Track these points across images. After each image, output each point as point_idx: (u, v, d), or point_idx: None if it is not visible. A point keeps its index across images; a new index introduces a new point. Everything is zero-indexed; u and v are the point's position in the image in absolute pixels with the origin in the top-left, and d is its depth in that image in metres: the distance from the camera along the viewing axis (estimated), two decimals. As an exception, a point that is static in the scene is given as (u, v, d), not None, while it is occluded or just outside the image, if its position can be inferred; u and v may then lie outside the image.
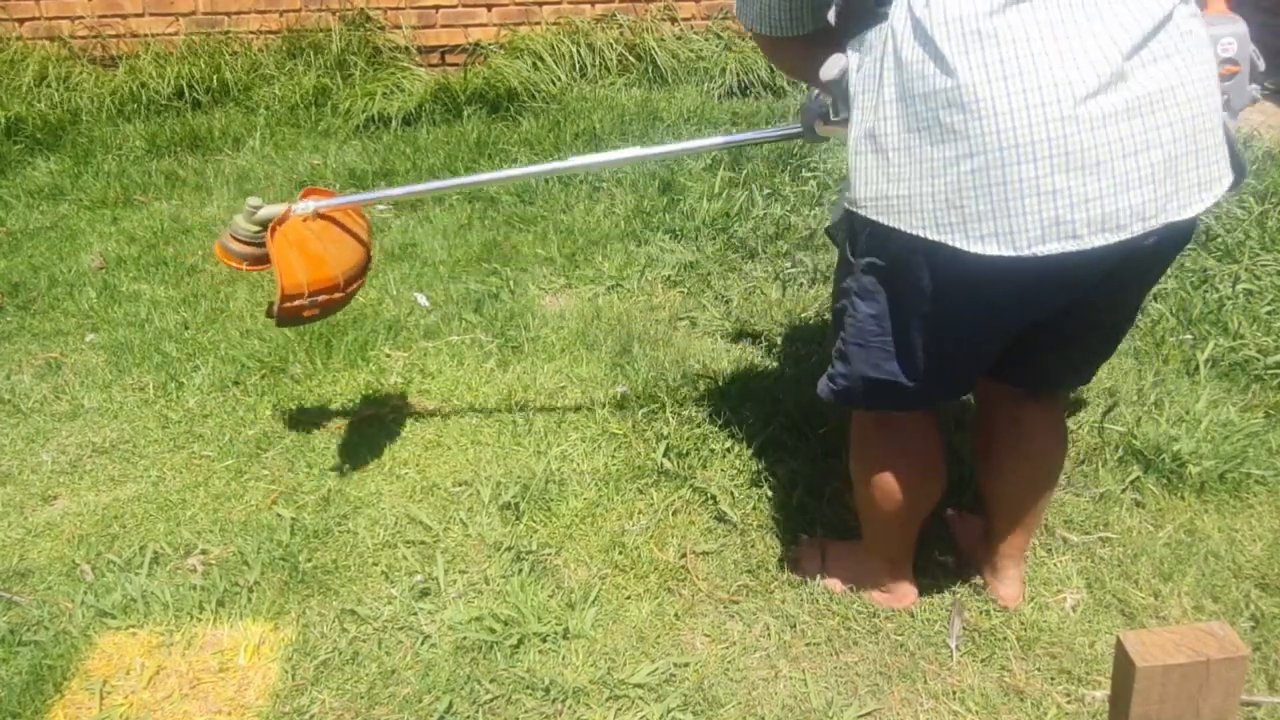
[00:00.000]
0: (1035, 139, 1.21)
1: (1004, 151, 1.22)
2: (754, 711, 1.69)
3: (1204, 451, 2.19)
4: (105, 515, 2.18)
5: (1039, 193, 1.22)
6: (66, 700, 1.75)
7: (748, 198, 3.53)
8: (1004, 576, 1.86)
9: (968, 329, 1.43)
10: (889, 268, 1.42)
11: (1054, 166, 1.21)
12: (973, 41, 1.21)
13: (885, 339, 1.48)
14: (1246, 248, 3.03)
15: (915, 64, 1.25)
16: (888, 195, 1.33)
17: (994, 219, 1.25)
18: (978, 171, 1.24)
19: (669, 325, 2.87)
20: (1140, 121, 1.23)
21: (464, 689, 1.73)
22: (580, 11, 5.08)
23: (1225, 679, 0.88)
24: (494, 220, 3.60)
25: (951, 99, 1.23)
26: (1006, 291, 1.34)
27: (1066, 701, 1.68)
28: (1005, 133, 1.21)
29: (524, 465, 2.28)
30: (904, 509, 1.69)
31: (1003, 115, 1.21)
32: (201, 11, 4.92)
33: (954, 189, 1.26)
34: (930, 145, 1.26)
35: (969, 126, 1.23)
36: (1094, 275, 1.33)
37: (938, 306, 1.39)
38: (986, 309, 1.39)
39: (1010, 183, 1.23)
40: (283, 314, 2.00)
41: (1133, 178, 1.23)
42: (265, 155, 4.31)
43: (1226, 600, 1.87)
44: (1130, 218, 1.25)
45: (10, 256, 3.43)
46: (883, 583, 1.85)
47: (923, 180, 1.28)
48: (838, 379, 1.59)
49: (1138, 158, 1.23)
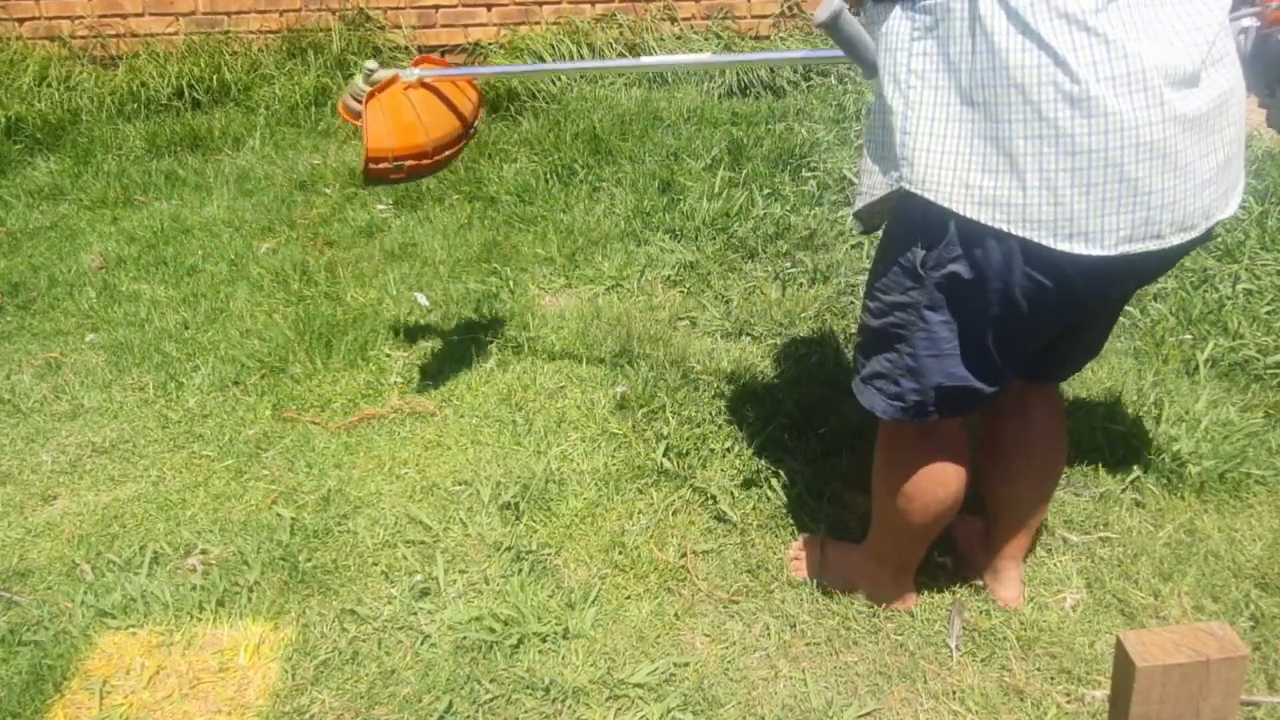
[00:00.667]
0: (1140, 141, 1.21)
1: (1109, 152, 1.21)
2: (754, 711, 1.69)
3: (1204, 451, 2.19)
4: (105, 515, 2.18)
5: (1135, 193, 1.23)
6: (66, 700, 1.75)
7: (748, 198, 3.53)
8: (1005, 579, 1.86)
9: (1040, 323, 1.41)
10: (966, 271, 1.35)
11: (1151, 169, 1.22)
12: (1081, 39, 1.19)
13: (962, 346, 1.44)
14: (1246, 248, 3.03)
15: (1014, 53, 1.21)
16: (971, 185, 1.28)
17: (1087, 218, 1.24)
18: (1079, 170, 1.22)
19: (669, 325, 2.87)
20: (1212, 123, 1.26)
21: (464, 689, 1.73)
22: (580, 11, 5.08)
23: (1225, 679, 0.88)
24: (494, 220, 3.60)
25: (1061, 95, 1.20)
26: (1083, 285, 1.33)
27: (1066, 701, 1.68)
28: (1113, 133, 1.20)
29: (524, 465, 2.28)
30: (931, 519, 1.66)
31: (1112, 116, 1.20)
32: (201, 11, 4.92)
33: (1049, 185, 1.24)
34: (1026, 139, 1.23)
35: (1075, 124, 1.21)
36: (1155, 268, 1.36)
37: (1014, 305, 1.36)
38: (1060, 303, 1.36)
39: (1110, 183, 1.22)
40: (368, 174, 2.14)
41: (1205, 179, 1.27)
42: (265, 155, 4.31)
43: (1226, 600, 1.87)
44: (1200, 217, 1.29)
45: (10, 256, 3.43)
46: (886, 585, 1.85)
47: (1015, 174, 1.25)
48: (908, 395, 1.51)
49: (1208, 159, 1.27)
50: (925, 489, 1.62)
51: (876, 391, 1.55)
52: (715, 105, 4.63)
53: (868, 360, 1.56)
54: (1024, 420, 1.72)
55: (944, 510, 1.65)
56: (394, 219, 3.66)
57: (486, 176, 3.91)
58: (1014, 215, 1.26)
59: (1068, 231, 1.25)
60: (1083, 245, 1.25)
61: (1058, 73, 1.19)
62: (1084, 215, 1.24)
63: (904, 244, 1.42)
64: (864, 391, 1.59)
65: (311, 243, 3.49)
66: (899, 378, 1.51)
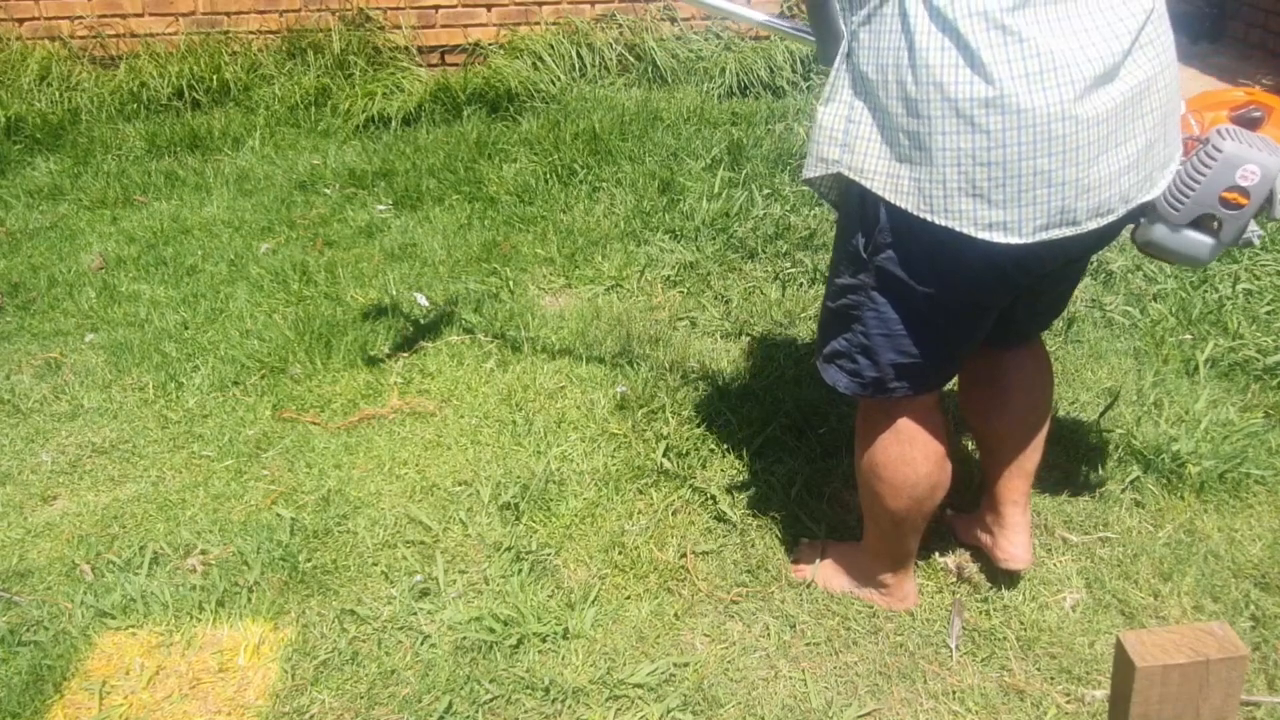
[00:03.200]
0: (1052, 135, 1.27)
1: (1022, 146, 1.27)
2: (754, 711, 1.69)
3: (1204, 451, 2.19)
4: (105, 515, 2.18)
5: (1050, 184, 1.30)
6: (66, 700, 1.75)
7: (747, 198, 3.53)
8: (1009, 526, 1.84)
9: (979, 301, 1.49)
10: (899, 256, 1.43)
11: (1065, 161, 1.28)
12: (996, 37, 1.24)
13: (908, 324, 1.51)
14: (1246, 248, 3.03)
15: (933, 50, 1.27)
16: (898, 175, 1.36)
17: (1005, 208, 1.31)
18: (994, 164, 1.29)
19: (669, 325, 2.87)
20: (1131, 111, 1.31)
21: (464, 689, 1.73)
22: (580, 11, 5.08)
23: (1225, 679, 0.88)
24: (494, 220, 3.60)
25: (976, 93, 1.26)
26: (1011, 266, 1.41)
27: (1066, 701, 1.68)
28: (1025, 129, 1.26)
29: (524, 465, 2.28)
30: (915, 504, 1.68)
31: (1025, 112, 1.25)
32: (201, 11, 4.92)
33: (968, 178, 1.30)
34: (944, 135, 1.29)
35: (990, 121, 1.27)
36: (1083, 248, 1.46)
37: (949, 286, 1.44)
38: (994, 282, 1.45)
39: (1024, 175, 1.29)
40: None
41: (1122, 165, 1.34)
42: (265, 155, 4.31)
43: (1226, 600, 1.88)
44: (1118, 202, 1.36)
45: (10, 256, 3.43)
46: (884, 585, 1.85)
47: (935, 168, 1.32)
48: (865, 372, 1.58)
49: (1126, 146, 1.33)
50: (898, 471, 1.65)
51: (838, 369, 1.62)
52: (715, 105, 4.63)
53: (827, 340, 1.63)
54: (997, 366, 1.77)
55: (919, 494, 1.66)
56: (394, 219, 3.66)
57: (486, 176, 3.92)
58: (936, 205, 1.34)
59: (986, 222, 1.32)
60: (1001, 234, 1.33)
61: (972, 70, 1.25)
62: (1001, 206, 1.31)
63: (848, 229, 1.51)
64: (826, 370, 1.65)
65: (311, 243, 3.49)
66: (855, 355, 1.58)
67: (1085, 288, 2.90)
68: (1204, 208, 1.48)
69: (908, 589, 1.85)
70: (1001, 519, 1.85)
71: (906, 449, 1.64)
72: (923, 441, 1.64)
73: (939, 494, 1.69)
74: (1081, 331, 2.74)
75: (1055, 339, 2.72)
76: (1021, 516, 1.85)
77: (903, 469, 1.65)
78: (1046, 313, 1.77)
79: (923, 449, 1.64)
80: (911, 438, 1.64)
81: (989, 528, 1.89)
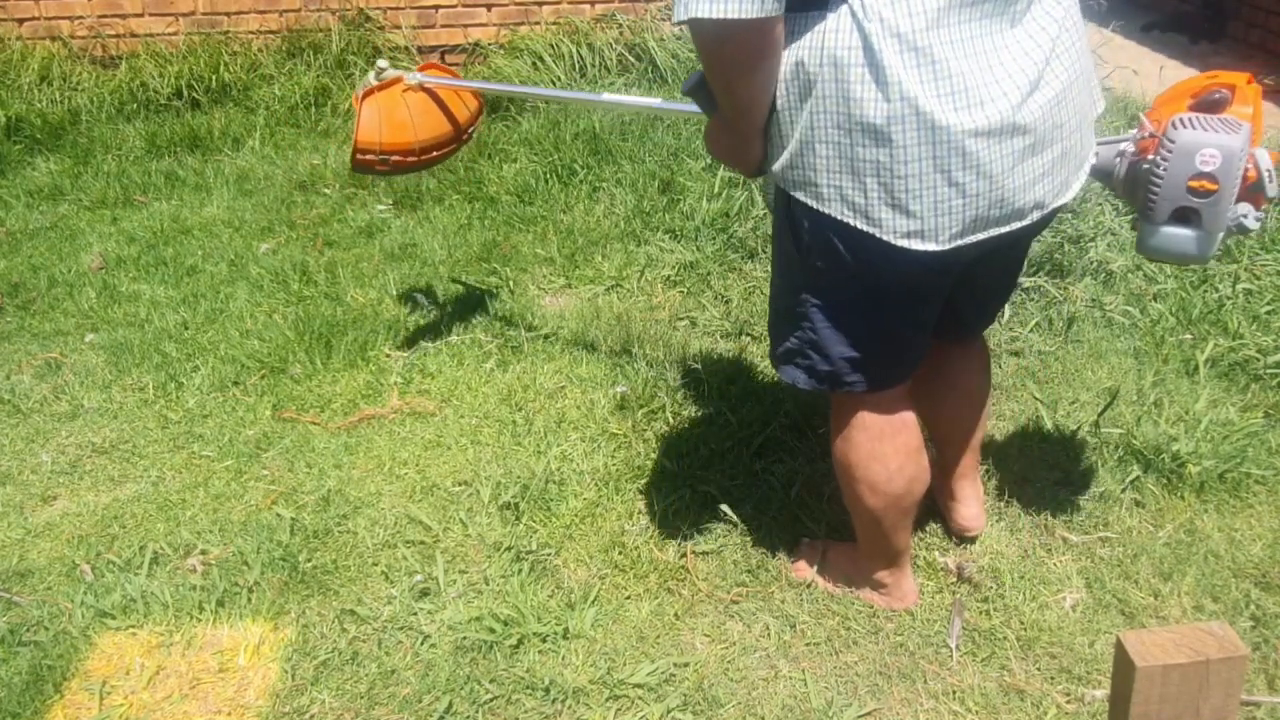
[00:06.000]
0: (965, 150, 1.32)
1: (937, 160, 1.32)
2: (754, 711, 1.69)
3: (1204, 451, 2.19)
4: (105, 515, 2.18)
5: (964, 196, 1.35)
6: (66, 700, 1.75)
7: (747, 198, 3.53)
8: (963, 498, 1.98)
9: (916, 296, 1.54)
10: (830, 258, 1.47)
11: (978, 175, 1.34)
12: (910, 58, 1.28)
13: (850, 317, 1.55)
14: (1246, 248, 3.03)
15: (854, 68, 1.30)
16: (817, 184, 1.41)
17: (922, 219, 1.37)
18: (911, 178, 1.34)
19: (669, 325, 2.87)
20: (1048, 122, 1.36)
21: (464, 689, 1.73)
22: (580, 11, 5.08)
23: (1225, 679, 0.88)
24: (494, 220, 3.60)
25: (893, 111, 1.30)
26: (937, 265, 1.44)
27: (1066, 701, 1.68)
28: (939, 144, 1.31)
29: (524, 465, 2.28)
30: (893, 500, 1.69)
31: (939, 129, 1.30)
32: (201, 11, 4.92)
33: (887, 190, 1.35)
34: (864, 148, 1.34)
35: (906, 138, 1.31)
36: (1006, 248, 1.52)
37: (881, 285, 1.49)
38: (921, 275, 1.48)
39: (940, 188, 1.34)
40: (355, 163, 2.33)
41: (1037, 174, 1.39)
42: (265, 155, 4.31)
43: (1226, 600, 1.88)
44: (1032, 209, 1.42)
45: (10, 256, 3.43)
46: (883, 584, 1.85)
47: (857, 178, 1.36)
48: (819, 366, 1.61)
49: (1041, 157, 1.38)
50: (870, 469, 1.67)
51: (794, 367, 1.65)
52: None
53: (780, 340, 1.67)
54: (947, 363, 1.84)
55: (896, 490, 1.68)
56: (394, 219, 3.66)
57: (486, 176, 3.92)
58: (858, 213, 1.39)
59: (905, 230, 1.38)
60: (919, 242, 1.38)
61: (886, 89, 1.29)
62: (919, 216, 1.36)
63: (782, 232, 1.55)
64: (784, 370, 1.68)
65: (311, 243, 3.50)
66: (807, 350, 1.61)
67: (1085, 288, 2.91)
68: (1175, 201, 1.49)
69: (906, 588, 1.86)
70: (955, 492, 1.98)
71: (877, 445, 1.66)
72: (892, 436, 1.66)
73: (917, 488, 1.71)
74: (1081, 331, 2.74)
75: (1055, 339, 2.72)
76: (972, 488, 1.99)
77: (875, 466, 1.67)
78: (988, 301, 1.82)
79: (893, 444, 1.66)
80: (880, 434, 1.66)
81: (944, 500, 2.02)
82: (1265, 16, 5.17)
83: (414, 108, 2.33)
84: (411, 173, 2.60)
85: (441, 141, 2.42)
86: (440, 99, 2.39)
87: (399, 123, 2.30)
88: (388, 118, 2.28)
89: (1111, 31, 4.52)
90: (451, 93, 2.42)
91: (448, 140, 2.44)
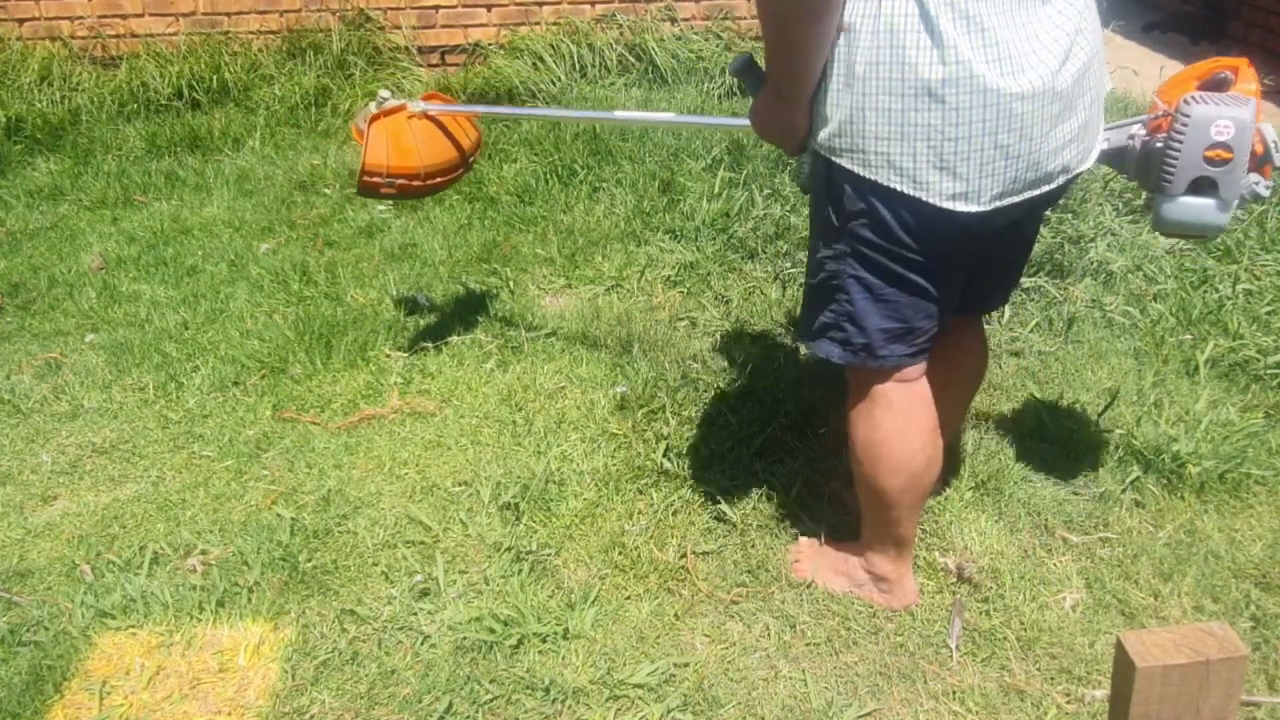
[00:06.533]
0: (1012, 114, 1.40)
1: (986, 124, 1.40)
2: (754, 711, 1.69)
3: (1204, 452, 2.19)
4: (105, 515, 2.18)
5: (1006, 158, 1.43)
6: (66, 700, 1.75)
7: (748, 198, 3.53)
8: None
9: (949, 260, 1.59)
10: (872, 224, 1.52)
11: (1021, 137, 1.42)
12: (962, 25, 1.36)
13: (887, 285, 1.59)
14: (1246, 248, 3.03)
15: (910, 34, 1.37)
16: (864, 151, 1.46)
17: (968, 181, 1.44)
18: (961, 140, 1.41)
19: (669, 325, 2.87)
20: (1074, 91, 1.45)
21: (464, 689, 1.73)
22: (580, 12, 5.08)
23: (1225, 679, 0.88)
24: (494, 220, 3.60)
25: (947, 74, 1.37)
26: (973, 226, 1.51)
27: (1066, 701, 1.68)
28: (989, 108, 1.39)
29: (524, 465, 2.28)
30: (913, 479, 1.72)
31: (989, 93, 1.38)
32: (201, 11, 4.92)
33: (937, 153, 1.42)
34: (916, 112, 1.41)
35: (959, 100, 1.39)
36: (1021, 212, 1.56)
37: (919, 248, 1.54)
38: (958, 242, 1.55)
39: (986, 150, 1.42)
40: (362, 185, 2.39)
41: (1065, 140, 1.48)
42: (265, 155, 4.31)
43: (1226, 600, 1.88)
44: (1059, 173, 1.51)
45: (10, 256, 3.43)
46: (884, 581, 1.85)
47: (907, 142, 1.43)
48: (854, 339, 1.64)
49: (1069, 124, 1.47)
50: (894, 447, 1.70)
51: (829, 341, 1.69)
52: (715, 106, 4.63)
53: (815, 316, 1.70)
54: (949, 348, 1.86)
55: (917, 468, 1.71)
56: (394, 219, 3.66)
57: (486, 176, 3.92)
58: (906, 178, 1.45)
59: (950, 192, 1.45)
60: (963, 204, 1.46)
61: (942, 52, 1.37)
62: (965, 178, 1.44)
63: (823, 203, 1.60)
64: (818, 345, 1.71)
65: (311, 243, 3.50)
66: (843, 323, 1.65)
67: (1086, 288, 2.91)
68: (1194, 171, 1.58)
69: (907, 585, 1.86)
70: None
71: (901, 423, 1.69)
72: (916, 415, 1.70)
73: (934, 469, 1.74)
74: (1081, 331, 2.74)
75: (1055, 339, 2.72)
76: None
77: (900, 444, 1.69)
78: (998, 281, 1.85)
79: (917, 423, 1.70)
80: (904, 411, 1.69)
81: None
82: (1265, 16, 5.17)
83: (419, 134, 2.41)
84: (414, 198, 2.66)
85: (445, 167, 2.49)
86: (444, 127, 2.47)
87: (405, 147, 2.37)
88: (395, 142, 2.35)
89: (1112, 31, 4.52)
90: (454, 122, 2.50)
91: (451, 166, 2.51)
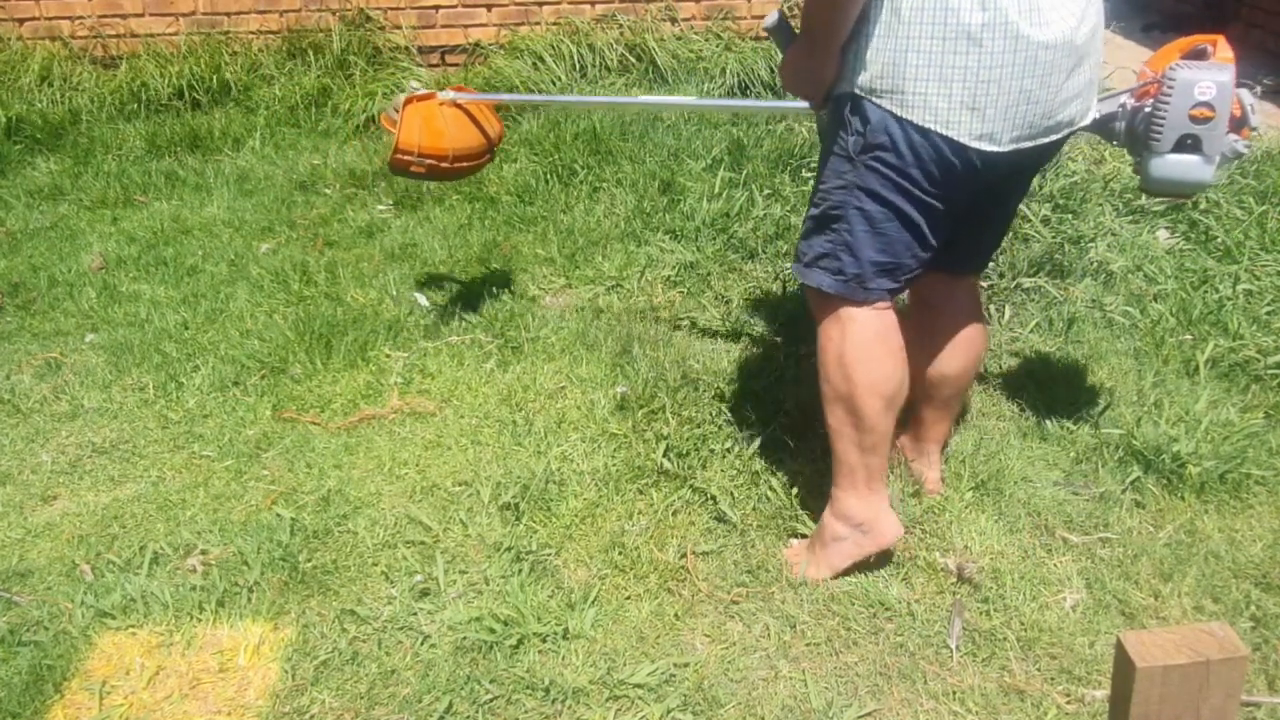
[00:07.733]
0: (1039, 60, 1.55)
1: (1015, 68, 1.54)
2: (754, 711, 1.69)
3: (1204, 452, 2.19)
4: (105, 515, 2.18)
5: (1028, 102, 1.58)
6: (66, 700, 1.75)
7: (748, 198, 3.53)
8: (934, 464, 2.14)
9: (954, 197, 1.69)
10: (896, 155, 1.63)
11: (1042, 83, 1.57)
12: None
13: (888, 218, 1.69)
14: (1246, 248, 3.03)
15: None
16: (904, 92, 1.58)
17: (994, 122, 1.58)
18: (993, 83, 1.55)
19: (669, 325, 2.87)
20: (1087, 48, 1.61)
21: (464, 689, 1.73)
22: (580, 12, 5.08)
23: (1225, 679, 0.88)
24: (494, 220, 3.60)
25: (987, 19, 1.52)
26: (984, 168, 1.65)
27: (1066, 701, 1.68)
28: (1020, 53, 1.54)
29: (524, 465, 2.28)
30: (887, 402, 1.79)
31: (1021, 39, 1.53)
32: (201, 11, 4.92)
33: (970, 93, 1.56)
34: (955, 55, 1.54)
35: (995, 44, 1.53)
36: (1030, 163, 1.74)
37: (932, 181, 1.65)
38: (967, 181, 1.67)
39: (1013, 93, 1.56)
40: (394, 163, 2.55)
41: (1074, 93, 1.63)
42: (265, 155, 4.31)
43: (1226, 600, 1.88)
44: (1065, 125, 1.67)
45: (10, 256, 3.43)
46: (861, 524, 1.87)
47: (944, 84, 1.56)
48: (848, 269, 1.74)
49: (1079, 77, 1.62)
50: (868, 370, 1.78)
51: (822, 270, 1.78)
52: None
53: (811, 245, 1.80)
54: (952, 309, 1.99)
55: (890, 391, 1.79)
56: (394, 219, 3.66)
57: (486, 176, 3.91)
58: (939, 118, 1.59)
59: (977, 132, 1.59)
60: (988, 144, 1.60)
61: (985, 1, 1.51)
62: (991, 119, 1.58)
63: (842, 136, 1.70)
64: (810, 273, 1.80)
65: (311, 243, 3.50)
66: (839, 253, 1.75)
67: (1085, 288, 2.90)
68: (1180, 129, 1.77)
69: (887, 522, 1.87)
70: (929, 457, 2.14)
71: (876, 346, 1.79)
72: (887, 337, 1.80)
73: (904, 393, 1.84)
74: (1081, 332, 2.74)
75: (1055, 339, 2.72)
76: (938, 453, 2.16)
77: (874, 366, 1.78)
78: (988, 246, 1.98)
79: (888, 345, 1.80)
80: (878, 334, 1.79)
81: (911, 457, 2.16)
82: (1265, 17, 5.17)
83: (449, 119, 2.57)
84: (440, 179, 2.80)
85: (471, 153, 2.65)
86: (473, 116, 2.64)
87: (437, 130, 2.53)
88: (427, 125, 2.52)
89: (1112, 31, 4.52)
90: (480, 112, 2.66)
91: (477, 152, 2.67)
